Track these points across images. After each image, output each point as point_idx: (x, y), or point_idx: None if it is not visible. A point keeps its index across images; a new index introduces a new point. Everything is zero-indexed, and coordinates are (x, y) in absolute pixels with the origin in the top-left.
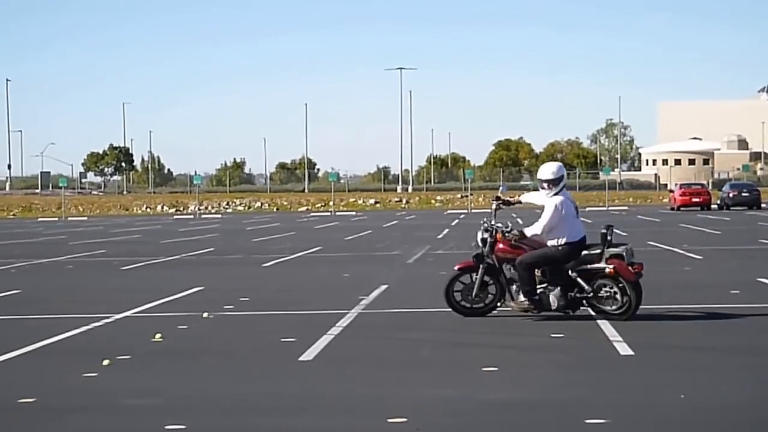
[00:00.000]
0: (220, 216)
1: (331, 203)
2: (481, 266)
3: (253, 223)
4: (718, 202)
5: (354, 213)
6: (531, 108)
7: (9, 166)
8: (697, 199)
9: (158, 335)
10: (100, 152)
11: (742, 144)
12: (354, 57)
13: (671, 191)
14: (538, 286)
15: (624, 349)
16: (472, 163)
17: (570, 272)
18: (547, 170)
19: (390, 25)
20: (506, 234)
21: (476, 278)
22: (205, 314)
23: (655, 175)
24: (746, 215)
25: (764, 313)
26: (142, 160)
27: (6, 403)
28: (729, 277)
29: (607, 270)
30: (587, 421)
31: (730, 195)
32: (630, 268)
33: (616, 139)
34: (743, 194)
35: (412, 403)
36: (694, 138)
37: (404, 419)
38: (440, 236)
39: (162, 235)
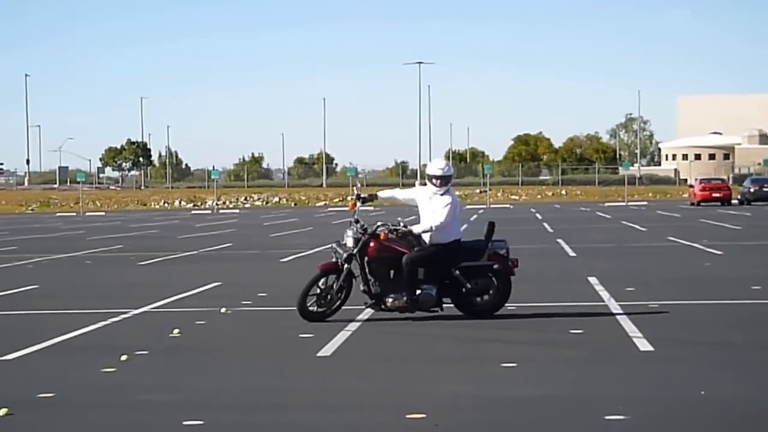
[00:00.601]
0: (237, 211)
1: (349, 198)
2: (346, 268)
3: (271, 219)
4: (739, 197)
5: (372, 208)
6: (550, 103)
7: (27, 161)
8: (717, 195)
9: (176, 330)
10: (118, 147)
11: (763, 138)
12: (372, 52)
13: (691, 186)
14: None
15: (644, 345)
16: (490, 158)
17: (453, 270)
18: (439, 167)
19: (409, 20)
20: (394, 232)
21: (334, 281)
22: (223, 309)
23: (675, 170)
24: (767, 210)
25: None
26: (160, 155)
27: (25, 398)
28: (750, 273)
29: (495, 267)
30: (607, 417)
31: (751, 190)
32: (510, 264)
33: (635, 134)
34: (764, 189)
35: (431, 399)
36: (715, 133)
37: (423, 415)
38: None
39: (179, 230)
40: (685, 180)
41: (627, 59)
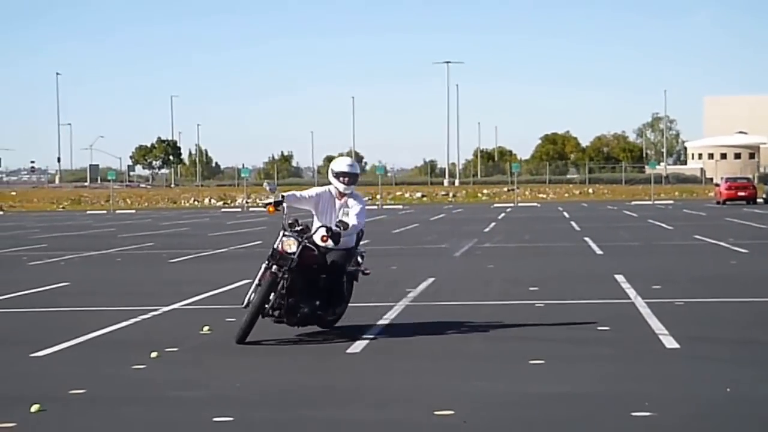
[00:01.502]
0: (262, 208)
1: (378, 197)
2: (286, 277)
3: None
4: (764, 196)
5: (401, 206)
6: (577, 102)
7: (59, 159)
8: (742, 193)
9: (206, 328)
10: (148, 145)
11: None
12: (401, 51)
13: (717, 185)
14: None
15: (670, 342)
16: (518, 156)
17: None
18: (347, 163)
19: (438, 19)
20: (332, 232)
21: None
22: None
23: (701, 169)
24: None
25: None
26: (190, 153)
27: (57, 394)
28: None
29: (367, 272)
30: (633, 414)
31: None
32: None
33: (662, 133)
34: None
35: (459, 395)
36: (740, 132)
37: (451, 411)
38: (487, 230)
39: (210, 228)
40: (711, 179)
41: (654, 60)
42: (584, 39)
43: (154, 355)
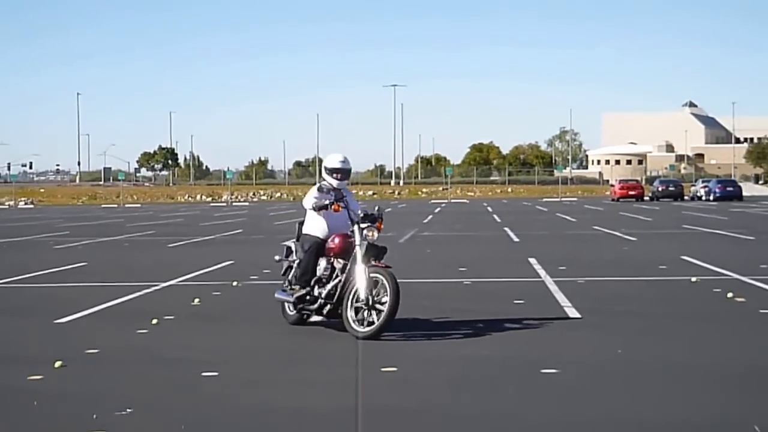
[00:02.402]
0: (247, 204)
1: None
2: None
3: (275, 210)
4: (650, 194)
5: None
6: (500, 117)
7: (78, 163)
8: (633, 192)
9: (197, 300)
10: (151, 152)
11: (669, 148)
12: (358, 74)
13: (612, 185)
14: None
15: (573, 313)
16: (451, 162)
17: None
18: (340, 159)
19: (387, 48)
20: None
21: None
22: (235, 283)
23: (600, 172)
24: (672, 205)
25: (684, 283)
26: (185, 158)
27: (76, 354)
28: (657, 256)
29: None
30: (542, 371)
31: (660, 189)
32: None
33: (567, 143)
34: (670, 188)
35: (402, 357)
36: (631, 143)
37: (395, 369)
38: (425, 221)
39: (200, 219)
40: (608, 180)
41: (562, 83)
42: (508, 66)
43: (154, 322)
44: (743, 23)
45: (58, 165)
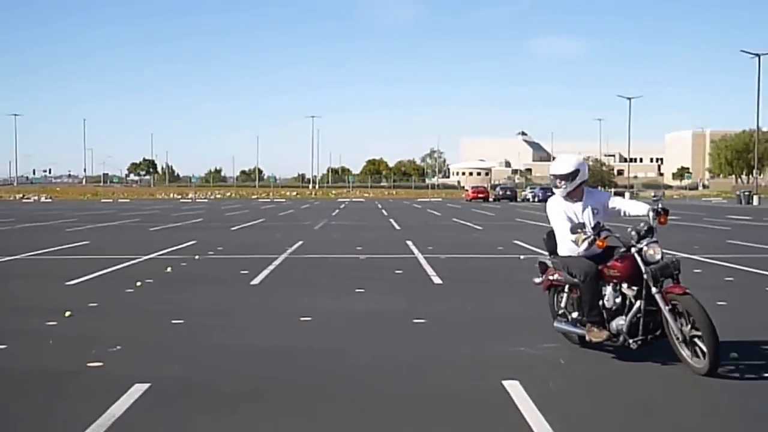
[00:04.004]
0: (207, 201)
1: (271, 194)
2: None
3: (226, 205)
4: (493, 196)
5: (284, 200)
6: (388, 139)
7: (84, 170)
8: (481, 195)
9: (169, 268)
10: (138, 162)
11: (507, 164)
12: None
13: (467, 190)
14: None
15: (437, 280)
16: (352, 171)
17: None
18: (554, 164)
19: (312, 90)
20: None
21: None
22: (197, 257)
23: (458, 181)
24: (509, 205)
25: (514, 260)
26: (162, 167)
27: (80, 306)
28: (497, 239)
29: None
30: (414, 320)
31: (500, 193)
32: None
33: (435, 160)
34: (507, 193)
35: (315, 309)
36: (480, 160)
37: (310, 318)
38: (334, 214)
39: (172, 211)
40: (464, 186)
41: (433, 113)
42: (393, 99)
43: (138, 284)
44: (558, 85)
45: (69, 171)
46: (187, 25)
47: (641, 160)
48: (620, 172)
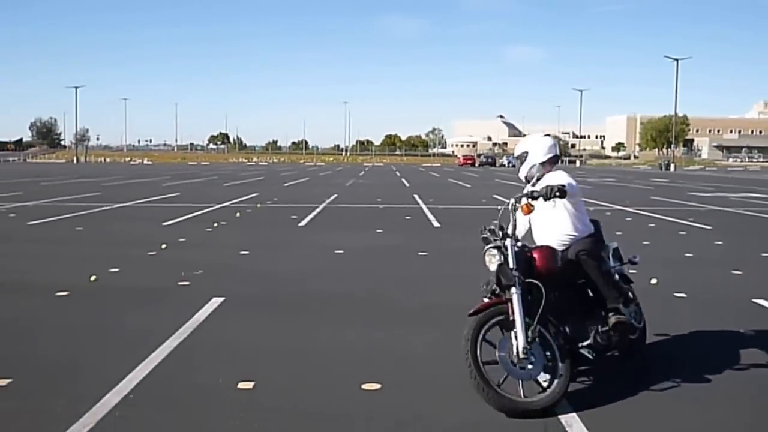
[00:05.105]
0: (266, 164)
1: (314, 159)
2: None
3: (281, 168)
4: (479, 163)
5: (323, 164)
6: (401, 118)
7: (176, 140)
8: (470, 162)
9: (238, 214)
10: (215, 134)
11: (489, 139)
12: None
13: (458, 158)
14: None
15: (436, 224)
16: (375, 143)
17: None
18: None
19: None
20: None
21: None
22: (258, 205)
23: (453, 151)
24: (490, 170)
25: (493, 210)
26: (234, 139)
27: (173, 240)
28: (482, 194)
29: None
30: (419, 253)
31: (483, 160)
32: None
33: (436, 135)
34: (489, 160)
35: (347, 244)
36: (469, 136)
37: (342, 251)
38: (361, 174)
39: (241, 171)
40: (457, 155)
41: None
42: (405, 90)
43: (215, 225)
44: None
45: (165, 140)
46: (265, 26)
47: (588, 137)
48: (573, 146)
